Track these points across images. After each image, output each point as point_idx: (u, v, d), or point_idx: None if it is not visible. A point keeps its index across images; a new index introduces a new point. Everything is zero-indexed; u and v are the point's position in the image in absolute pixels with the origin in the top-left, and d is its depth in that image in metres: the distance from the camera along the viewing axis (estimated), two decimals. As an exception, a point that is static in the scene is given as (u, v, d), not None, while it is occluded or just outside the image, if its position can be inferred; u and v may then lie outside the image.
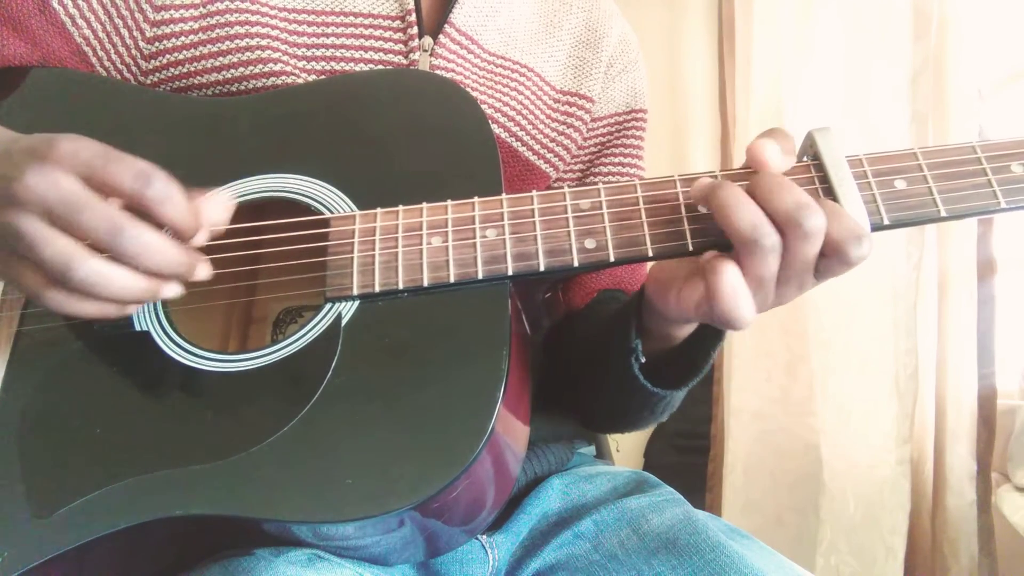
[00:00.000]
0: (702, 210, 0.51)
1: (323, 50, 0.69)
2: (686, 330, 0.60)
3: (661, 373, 0.60)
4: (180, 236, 0.48)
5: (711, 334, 0.60)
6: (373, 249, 0.53)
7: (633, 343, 0.59)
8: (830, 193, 0.49)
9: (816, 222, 0.45)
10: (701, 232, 0.51)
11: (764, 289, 0.48)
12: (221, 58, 0.66)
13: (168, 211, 0.47)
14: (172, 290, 0.49)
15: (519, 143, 0.75)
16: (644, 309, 0.59)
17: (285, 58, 0.67)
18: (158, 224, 0.47)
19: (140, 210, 0.46)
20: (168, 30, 0.66)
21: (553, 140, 0.78)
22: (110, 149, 0.46)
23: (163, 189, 0.46)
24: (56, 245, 0.45)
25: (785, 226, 0.46)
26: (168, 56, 0.66)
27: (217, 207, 0.52)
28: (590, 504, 0.66)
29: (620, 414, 0.71)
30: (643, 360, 0.60)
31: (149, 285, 0.48)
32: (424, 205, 0.54)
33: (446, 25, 0.72)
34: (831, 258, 0.47)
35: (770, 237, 0.46)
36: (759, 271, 0.47)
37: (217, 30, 0.66)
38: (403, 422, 0.48)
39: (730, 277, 0.47)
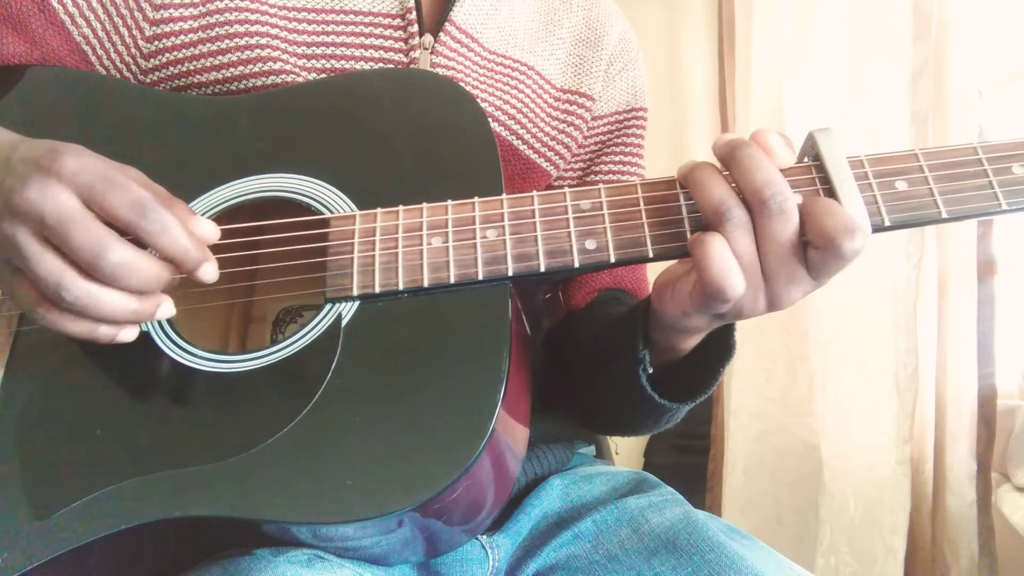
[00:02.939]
0: None
1: (323, 48, 0.68)
2: (690, 342, 0.59)
3: (666, 385, 0.60)
4: (178, 266, 0.49)
5: (718, 351, 0.59)
6: (373, 249, 0.53)
7: (640, 353, 0.58)
8: (831, 194, 0.49)
9: (780, 198, 0.47)
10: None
11: (744, 267, 0.48)
12: (221, 57, 0.65)
13: (163, 242, 0.47)
14: (165, 310, 0.50)
15: (520, 141, 0.75)
16: (649, 319, 0.59)
17: (285, 57, 0.67)
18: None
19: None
20: (167, 29, 0.66)
21: (554, 138, 0.78)
22: (111, 172, 0.46)
23: (159, 220, 0.46)
24: (48, 264, 0.45)
25: (753, 202, 0.47)
26: (167, 55, 0.66)
27: (209, 229, 0.51)
28: (590, 504, 0.66)
29: (623, 420, 0.71)
30: (650, 371, 0.60)
31: (140, 306, 0.48)
32: (424, 205, 0.54)
33: (446, 23, 0.72)
34: (825, 251, 0.47)
35: (735, 211, 0.48)
36: (734, 247, 0.48)
37: (216, 29, 0.66)
38: (403, 423, 0.48)
39: (717, 245, 0.48)
